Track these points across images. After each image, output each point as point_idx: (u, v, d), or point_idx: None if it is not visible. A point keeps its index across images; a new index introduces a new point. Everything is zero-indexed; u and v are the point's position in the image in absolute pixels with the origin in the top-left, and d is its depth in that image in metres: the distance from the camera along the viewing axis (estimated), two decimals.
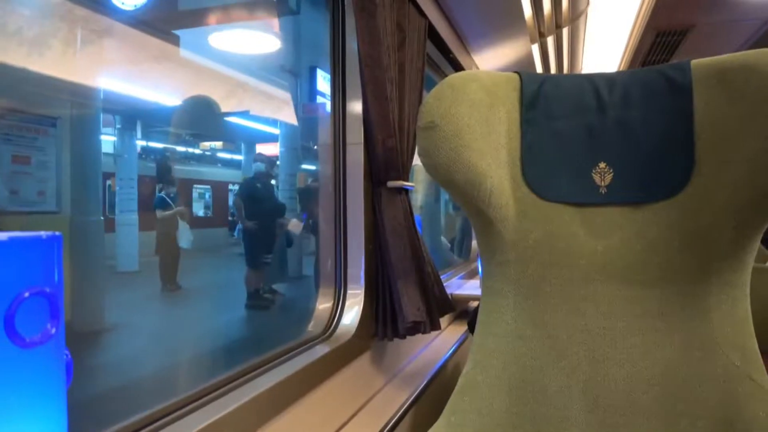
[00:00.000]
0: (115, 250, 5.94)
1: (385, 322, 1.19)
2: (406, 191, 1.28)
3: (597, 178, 0.94)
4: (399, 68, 1.28)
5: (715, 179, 0.85)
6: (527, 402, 0.89)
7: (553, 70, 3.71)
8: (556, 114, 0.97)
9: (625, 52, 4.90)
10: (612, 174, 0.94)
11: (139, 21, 3.18)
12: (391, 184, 1.23)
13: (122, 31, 3.20)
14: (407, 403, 1.14)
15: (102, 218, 3.40)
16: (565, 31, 2.79)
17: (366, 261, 1.22)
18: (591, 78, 0.99)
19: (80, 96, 2.87)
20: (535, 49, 2.67)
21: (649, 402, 0.84)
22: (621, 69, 4.80)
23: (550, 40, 2.73)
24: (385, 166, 1.22)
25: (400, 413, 1.09)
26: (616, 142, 0.94)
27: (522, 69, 1.05)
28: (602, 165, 0.94)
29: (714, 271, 0.86)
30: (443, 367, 1.45)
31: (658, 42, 4.27)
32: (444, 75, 2.26)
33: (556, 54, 3.24)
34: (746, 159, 0.82)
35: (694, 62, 0.90)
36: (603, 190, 0.94)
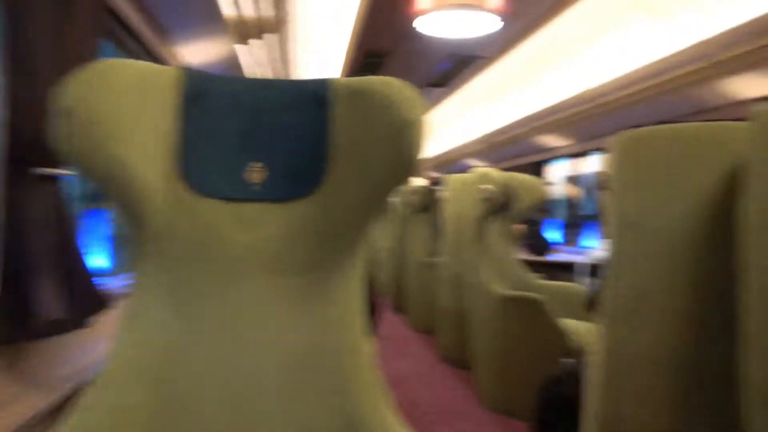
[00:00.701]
0: None
1: (14, 323, 1.10)
2: (59, 179, 1.21)
3: (252, 175, 1.04)
4: (57, 45, 1.20)
5: (341, 183, 1.02)
6: (166, 394, 0.93)
7: (269, 74, 3.88)
8: (217, 113, 1.04)
9: (343, 68, 5.39)
10: (266, 173, 1.05)
11: None
12: (37, 171, 1.15)
13: None
14: (50, 407, 1.08)
15: None
16: (274, 38, 2.95)
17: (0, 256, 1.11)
18: (254, 82, 1.09)
19: None
20: (243, 50, 2.77)
21: (277, 381, 0.97)
22: None
23: (259, 44, 2.86)
24: (31, 151, 1.13)
25: (36, 417, 1.03)
26: (270, 143, 1.05)
27: (229, 69, 1.09)
28: (257, 164, 1.04)
29: (339, 261, 1.03)
30: None
31: (366, 61, 4.81)
32: None
33: (269, 59, 3.39)
34: (365, 167, 1.00)
35: (332, 80, 1.06)
36: (257, 188, 1.04)
